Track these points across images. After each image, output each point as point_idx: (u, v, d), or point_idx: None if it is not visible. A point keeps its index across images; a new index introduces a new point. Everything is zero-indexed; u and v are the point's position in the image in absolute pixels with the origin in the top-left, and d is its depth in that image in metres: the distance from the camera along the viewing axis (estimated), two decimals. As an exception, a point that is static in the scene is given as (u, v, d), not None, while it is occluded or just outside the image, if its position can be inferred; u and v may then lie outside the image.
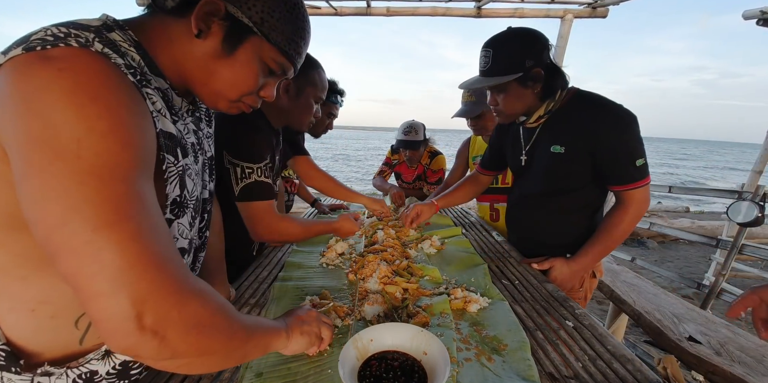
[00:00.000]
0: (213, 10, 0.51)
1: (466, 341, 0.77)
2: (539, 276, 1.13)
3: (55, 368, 0.51)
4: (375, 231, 1.48)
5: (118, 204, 0.38)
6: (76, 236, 0.37)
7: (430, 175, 2.54)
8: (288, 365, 0.69)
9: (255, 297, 0.97)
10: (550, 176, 1.20)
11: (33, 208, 0.38)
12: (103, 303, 0.37)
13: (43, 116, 0.37)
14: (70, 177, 0.37)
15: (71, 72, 0.39)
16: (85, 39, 0.43)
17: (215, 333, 0.45)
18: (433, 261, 1.25)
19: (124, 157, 0.40)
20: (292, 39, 0.58)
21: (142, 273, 0.38)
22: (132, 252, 0.38)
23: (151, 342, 0.39)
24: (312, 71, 1.11)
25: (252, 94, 0.61)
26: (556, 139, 1.14)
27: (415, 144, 2.37)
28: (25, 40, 0.41)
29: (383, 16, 3.44)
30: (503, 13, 3.30)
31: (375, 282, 0.99)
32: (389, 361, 0.64)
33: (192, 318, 0.42)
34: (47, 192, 0.37)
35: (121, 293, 0.37)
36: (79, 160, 0.37)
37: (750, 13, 2.85)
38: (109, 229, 0.37)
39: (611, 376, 0.68)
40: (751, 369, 1.26)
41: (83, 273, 0.37)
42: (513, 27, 1.09)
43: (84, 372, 0.54)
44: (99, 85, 0.40)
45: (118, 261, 0.37)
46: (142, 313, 0.38)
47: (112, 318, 0.37)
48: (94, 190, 0.38)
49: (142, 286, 0.38)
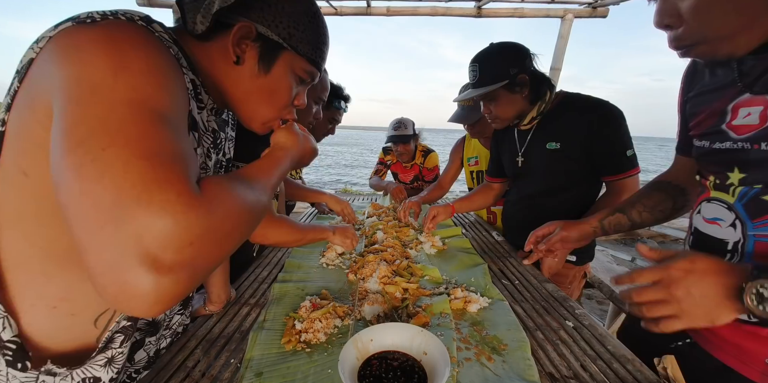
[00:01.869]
0: (246, 33, 0.53)
1: (466, 341, 0.77)
2: (539, 276, 1.13)
3: (58, 367, 0.51)
4: (375, 231, 1.48)
5: (135, 129, 0.35)
6: (84, 155, 0.33)
7: (426, 173, 2.56)
8: (288, 364, 0.69)
9: (255, 297, 0.97)
10: (546, 173, 1.26)
11: (56, 137, 0.35)
12: (102, 238, 0.32)
13: (85, 60, 0.38)
14: (101, 106, 0.36)
15: (117, 30, 0.40)
16: (132, 16, 0.45)
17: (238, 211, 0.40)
18: (433, 261, 1.25)
19: (158, 98, 0.39)
20: (317, 47, 0.60)
21: (157, 189, 0.33)
22: (140, 167, 0.33)
23: (177, 273, 0.33)
24: None
25: (288, 106, 0.63)
26: (551, 136, 1.22)
27: (406, 138, 2.42)
28: (73, 18, 0.43)
29: (383, 16, 3.44)
30: (503, 12, 3.30)
31: (375, 282, 0.99)
32: (389, 361, 0.64)
33: (221, 231, 0.37)
34: (75, 118, 0.35)
35: (126, 221, 0.31)
36: (113, 92, 0.36)
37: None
38: (120, 147, 0.33)
39: (611, 376, 0.67)
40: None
41: (82, 200, 0.33)
42: (495, 42, 1.20)
43: (88, 377, 0.54)
44: (142, 41, 0.41)
45: (140, 178, 0.33)
46: (149, 247, 0.32)
47: (120, 258, 0.32)
48: (119, 116, 0.35)
49: (175, 208, 0.33)
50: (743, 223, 0.57)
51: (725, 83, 0.59)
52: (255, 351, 0.73)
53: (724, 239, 0.61)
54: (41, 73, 0.42)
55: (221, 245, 0.37)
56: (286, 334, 0.77)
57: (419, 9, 3.33)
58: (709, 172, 0.63)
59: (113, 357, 0.56)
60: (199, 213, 0.34)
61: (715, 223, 0.62)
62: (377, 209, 1.92)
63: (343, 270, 1.16)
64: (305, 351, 0.73)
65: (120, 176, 0.32)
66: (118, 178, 0.32)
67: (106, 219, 0.31)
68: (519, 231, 1.42)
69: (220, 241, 0.37)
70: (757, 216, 0.55)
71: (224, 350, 0.74)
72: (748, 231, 0.57)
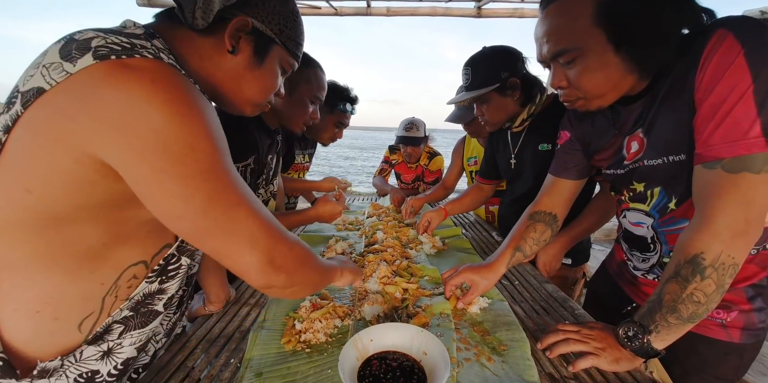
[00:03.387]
0: (241, 26, 0.57)
1: (465, 341, 0.77)
2: (539, 277, 1.13)
3: (50, 361, 0.51)
4: (375, 231, 1.48)
5: (233, 188, 0.49)
6: (218, 218, 0.48)
7: (427, 174, 2.55)
8: (288, 364, 0.69)
9: (255, 297, 0.97)
10: (539, 174, 1.26)
11: (173, 206, 0.46)
12: (248, 257, 0.51)
13: (155, 128, 0.43)
14: (197, 177, 0.46)
15: (162, 83, 0.44)
16: (153, 50, 0.48)
17: (312, 267, 0.61)
18: (433, 261, 1.25)
19: (221, 150, 0.49)
20: (299, 43, 0.68)
21: (267, 234, 0.52)
22: (257, 221, 0.51)
23: (281, 275, 0.54)
24: (306, 69, 1.09)
25: (272, 95, 0.69)
26: (543, 138, 1.24)
27: (416, 140, 2.38)
28: (86, 48, 0.44)
29: (383, 16, 3.44)
30: (503, 13, 3.30)
31: (375, 283, 0.99)
32: (389, 361, 0.64)
33: (299, 257, 0.57)
34: (184, 192, 0.46)
35: (258, 249, 0.51)
36: (198, 163, 0.46)
37: (750, 13, 2.86)
38: (239, 208, 0.49)
39: (611, 376, 0.68)
40: (751, 368, 1.27)
41: (232, 242, 0.49)
42: (487, 46, 1.22)
43: (84, 372, 0.54)
44: (186, 93, 0.46)
45: (252, 228, 0.50)
46: (273, 259, 0.52)
47: (255, 266, 0.51)
48: (216, 182, 0.48)
49: (270, 242, 0.52)
50: (657, 223, 0.79)
51: (606, 128, 0.84)
52: (255, 351, 0.72)
53: (645, 235, 0.82)
54: (71, 115, 0.43)
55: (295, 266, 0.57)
56: (285, 334, 0.77)
57: (419, 9, 3.33)
58: (622, 188, 0.85)
59: (111, 349, 0.56)
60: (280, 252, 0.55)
61: (639, 226, 0.83)
62: (377, 209, 1.92)
63: (343, 271, 1.16)
64: (305, 352, 0.73)
65: (251, 225, 0.51)
66: (250, 227, 0.51)
67: (250, 247, 0.51)
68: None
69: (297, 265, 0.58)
70: (662, 216, 0.77)
71: (224, 350, 0.74)
72: (658, 228, 0.79)
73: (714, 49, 0.59)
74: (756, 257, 0.73)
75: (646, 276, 0.88)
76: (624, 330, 0.68)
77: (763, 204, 0.58)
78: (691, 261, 0.61)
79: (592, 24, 0.63)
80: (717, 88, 0.59)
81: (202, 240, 0.49)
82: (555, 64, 0.72)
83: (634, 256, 0.89)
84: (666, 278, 0.65)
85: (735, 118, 0.57)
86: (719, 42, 0.58)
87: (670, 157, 0.70)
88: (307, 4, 3.42)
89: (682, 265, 0.63)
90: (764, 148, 0.56)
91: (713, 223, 0.60)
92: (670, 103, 0.68)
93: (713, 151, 0.60)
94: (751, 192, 0.58)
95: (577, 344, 0.71)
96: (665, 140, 0.70)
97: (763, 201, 0.58)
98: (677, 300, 0.62)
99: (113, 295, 0.55)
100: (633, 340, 0.66)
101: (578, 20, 0.64)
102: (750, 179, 0.57)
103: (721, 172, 0.59)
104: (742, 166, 0.57)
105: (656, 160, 0.73)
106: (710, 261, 0.60)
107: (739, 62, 0.56)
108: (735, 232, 0.59)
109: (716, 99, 0.59)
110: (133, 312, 0.58)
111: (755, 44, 0.56)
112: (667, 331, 0.64)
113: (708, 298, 0.61)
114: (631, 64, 0.65)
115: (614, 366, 0.68)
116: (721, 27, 0.59)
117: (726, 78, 0.57)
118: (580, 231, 1.22)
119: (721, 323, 0.76)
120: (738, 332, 0.75)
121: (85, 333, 0.54)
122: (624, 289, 0.95)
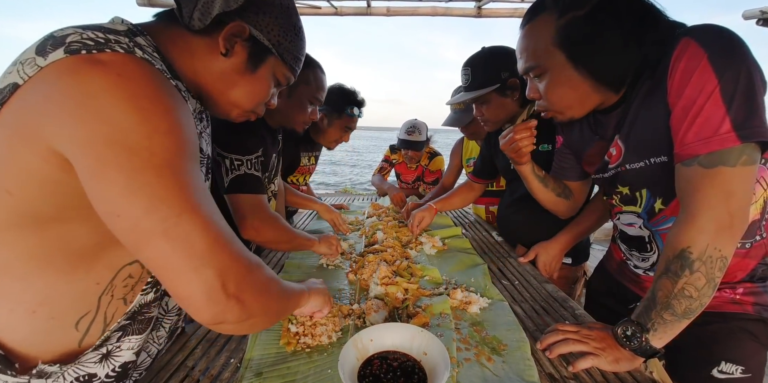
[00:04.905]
0: (238, 31, 0.56)
1: (465, 341, 0.77)
2: (539, 277, 1.13)
3: (49, 365, 0.51)
4: (375, 231, 1.48)
5: (189, 192, 0.44)
6: (164, 221, 0.41)
7: (427, 174, 2.55)
8: (287, 364, 0.69)
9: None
10: None
11: (114, 201, 0.41)
12: (192, 277, 0.42)
13: (111, 120, 0.41)
14: (148, 171, 0.41)
15: (128, 78, 0.42)
16: (126, 45, 0.46)
17: (274, 295, 0.53)
18: (433, 261, 1.25)
19: (184, 152, 0.45)
20: (297, 57, 0.68)
21: (222, 251, 0.44)
22: (212, 233, 0.44)
23: (235, 306, 0.45)
24: (306, 69, 1.09)
25: (262, 103, 0.69)
26: (543, 138, 1.21)
27: (418, 144, 2.38)
28: (60, 43, 0.43)
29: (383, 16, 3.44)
30: (503, 13, 3.30)
31: (375, 284, 0.99)
32: (389, 361, 0.64)
33: (259, 284, 0.49)
34: (130, 185, 0.41)
35: (208, 268, 0.43)
36: (153, 157, 0.42)
37: (750, 13, 2.86)
38: (191, 213, 0.43)
39: (611, 376, 0.68)
40: None
41: (175, 253, 0.42)
42: (487, 46, 1.22)
43: (82, 375, 0.54)
44: (154, 89, 0.44)
45: (204, 241, 0.43)
46: (226, 283, 0.44)
47: (202, 289, 0.43)
48: (171, 180, 0.42)
49: (224, 261, 0.44)
50: (648, 223, 0.82)
51: (589, 134, 0.89)
52: (255, 351, 0.72)
53: (641, 235, 0.85)
54: (37, 109, 0.42)
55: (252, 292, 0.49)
56: (283, 336, 0.77)
57: (419, 9, 3.33)
58: (610, 191, 0.89)
59: (110, 351, 0.56)
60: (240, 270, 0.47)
61: (632, 226, 0.86)
62: (377, 209, 1.92)
63: (343, 270, 1.16)
64: (305, 352, 0.73)
65: (204, 237, 0.43)
66: (203, 239, 0.43)
67: (198, 264, 0.43)
68: (513, 232, 1.45)
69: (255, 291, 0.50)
70: (651, 218, 0.81)
71: (224, 350, 0.74)
72: (652, 228, 0.82)
73: (680, 56, 0.63)
74: (750, 250, 0.75)
75: (647, 273, 0.89)
76: (622, 330, 0.69)
77: (743, 196, 0.60)
78: (679, 256, 0.63)
79: (553, 44, 0.71)
80: (686, 91, 0.62)
81: (139, 245, 0.42)
82: (528, 77, 0.81)
83: (634, 256, 0.90)
84: (657, 275, 0.66)
85: (706, 117, 0.60)
86: (684, 49, 0.62)
87: (652, 160, 0.73)
88: (307, 4, 3.42)
89: (671, 261, 0.64)
90: (736, 142, 0.58)
91: (697, 218, 0.62)
92: (647, 109, 0.71)
93: (689, 149, 0.62)
94: (729, 184, 0.60)
95: (576, 344, 0.71)
96: (645, 144, 0.73)
97: (742, 194, 0.60)
98: (670, 295, 0.63)
99: (109, 294, 0.55)
100: (631, 340, 0.67)
101: (542, 41, 0.73)
102: (726, 172, 0.60)
103: (698, 168, 0.62)
104: (718, 160, 0.60)
105: (638, 164, 0.76)
106: (697, 254, 0.61)
107: (704, 65, 0.60)
108: (720, 225, 0.60)
109: (687, 101, 0.62)
110: (130, 320, 0.57)
111: (717, 49, 0.60)
112: (663, 329, 0.64)
113: (700, 293, 0.62)
114: (592, 79, 0.72)
115: (614, 366, 0.68)
116: (685, 36, 0.63)
117: (693, 81, 0.61)
118: (580, 231, 1.22)
119: (731, 298, 0.78)
120: (750, 306, 0.77)
121: (82, 331, 0.53)
122: (628, 287, 0.96)
